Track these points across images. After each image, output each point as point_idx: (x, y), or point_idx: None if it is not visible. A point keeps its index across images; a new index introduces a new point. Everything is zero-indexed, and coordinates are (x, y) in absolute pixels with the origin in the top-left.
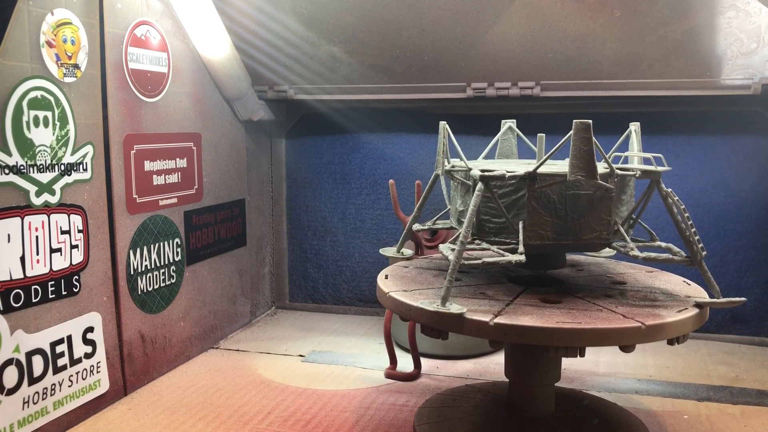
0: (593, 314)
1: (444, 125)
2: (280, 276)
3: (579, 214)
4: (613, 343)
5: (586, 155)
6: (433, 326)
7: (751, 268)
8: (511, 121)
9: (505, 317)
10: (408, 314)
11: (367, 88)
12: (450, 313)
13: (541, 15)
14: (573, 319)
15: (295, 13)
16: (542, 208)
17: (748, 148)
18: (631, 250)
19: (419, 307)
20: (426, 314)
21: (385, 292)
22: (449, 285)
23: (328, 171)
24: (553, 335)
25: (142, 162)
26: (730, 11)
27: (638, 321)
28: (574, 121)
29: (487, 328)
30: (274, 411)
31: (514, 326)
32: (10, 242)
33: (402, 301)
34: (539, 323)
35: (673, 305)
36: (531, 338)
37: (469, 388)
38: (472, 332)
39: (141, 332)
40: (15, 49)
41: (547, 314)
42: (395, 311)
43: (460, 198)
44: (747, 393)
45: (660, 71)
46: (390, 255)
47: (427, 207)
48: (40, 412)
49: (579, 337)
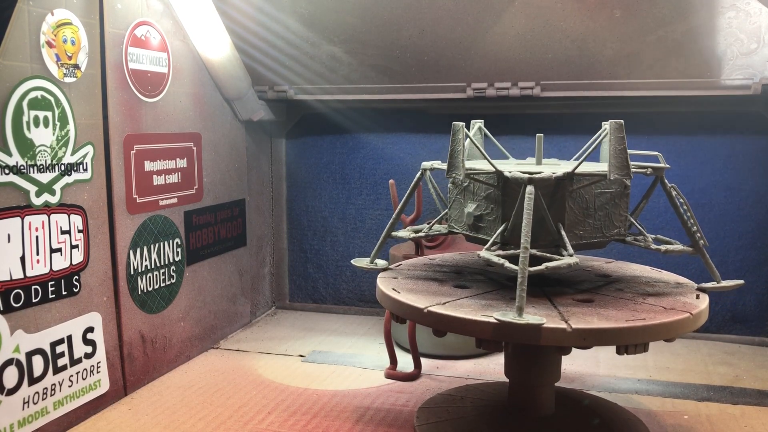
0: (640, 309)
1: (462, 125)
2: (280, 276)
3: (604, 212)
4: (673, 335)
5: (622, 154)
6: (505, 339)
7: (751, 268)
8: (480, 122)
9: (576, 322)
10: (464, 328)
11: (367, 88)
12: (529, 324)
13: (541, 15)
14: (631, 316)
15: (295, 13)
16: (577, 208)
17: (748, 148)
18: (652, 243)
19: (481, 320)
20: (496, 327)
21: (422, 309)
22: (523, 295)
23: (328, 171)
24: (629, 334)
25: (142, 162)
26: (730, 11)
27: (685, 311)
28: (609, 122)
29: (566, 335)
30: (274, 411)
31: (591, 330)
32: (10, 242)
33: (456, 316)
34: (612, 324)
35: (685, 292)
36: (608, 340)
37: (469, 388)
38: (549, 341)
39: (141, 332)
40: (15, 49)
41: (604, 314)
42: (441, 327)
43: (475, 202)
44: (747, 393)
45: (660, 71)
46: (362, 266)
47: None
48: (40, 412)
49: (649, 334)
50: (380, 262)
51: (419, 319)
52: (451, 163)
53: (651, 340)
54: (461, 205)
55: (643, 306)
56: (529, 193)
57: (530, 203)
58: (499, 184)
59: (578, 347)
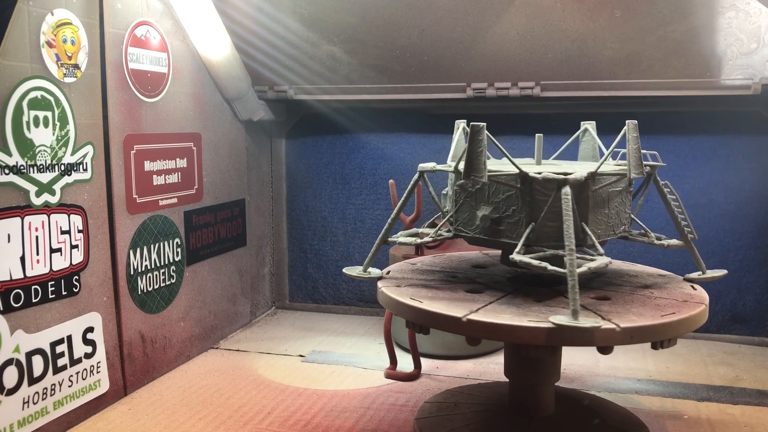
0: (662, 304)
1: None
2: (280, 276)
3: (615, 210)
4: (697, 327)
5: (637, 153)
6: (559, 344)
7: (751, 268)
8: (463, 122)
9: (620, 321)
10: (514, 336)
11: (367, 88)
12: (585, 327)
13: (541, 15)
14: (659, 312)
15: (295, 13)
16: (596, 207)
17: (748, 148)
18: (657, 239)
19: (533, 326)
20: (550, 332)
21: (460, 318)
22: (576, 298)
23: (328, 171)
24: (667, 329)
25: (142, 162)
26: (730, 11)
27: (700, 303)
28: (627, 122)
29: (615, 334)
30: (274, 411)
31: (637, 328)
32: (10, 242)
33: (504, 323)
34: (651, 321)
35: (679, 284)
36: (650, 336)
37: (469, 388)
38: (600, 341)
39: (141, 332)
40: (15, 49)
41: (635, 311)
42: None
43: (490, 205)
44: (747, 393)
45: (660, 71)
46: (355, 275)
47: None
48: (40, 412)
49: (681, 327)
50: (373, 270)
51: (458, 329)
52: (473, 165)
53: (683, 333)
54: (472, 208)
55: (659, 301)
56: (566, 194)
57: (568, 204)
58: (524, 185)
59: (622, 345)
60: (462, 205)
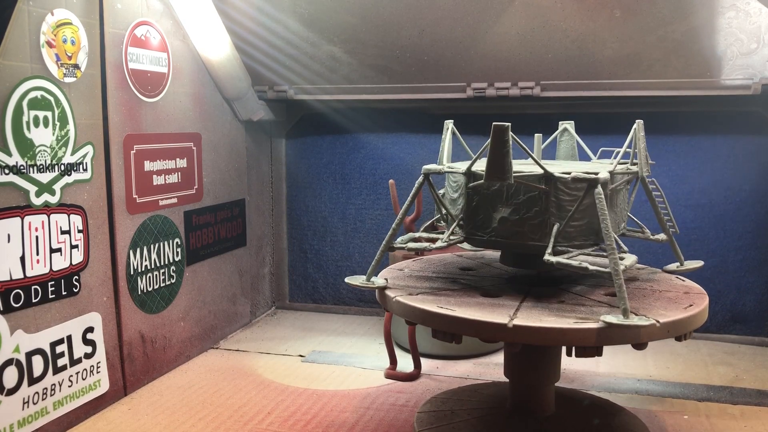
0: (673, 298)
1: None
2: (280, 276)
3: (619, 208)
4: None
5: (644, 151)
6: (607, 343)
7: (751, 268)
8: (450, 122)
9: (655, 317)
10: (564, 338)
11: (367, 88)
12: (636, 325)
13: (541, 15)
14: (675, 306)
15: (295, 13)
16: (609, 206)
17: (748, 148)
18: (652, 234)
19: (582, 328)
20: (600, 332)
21: (505, 324)
22: (625, 296)
23: (328, 171)
24: (692, 322)
25: (142, 162)
26: (730, 11)
27: (701, 293)
28: (637, 121)
29: (657, 330)
30: (274, 411)
31: (673, 322)
32: (10, 242)
33: (554, 327)
34: (680, 315)
35: (665, 276)
36: (683, 328)
37: (469, 388)
38: (645, 337)
39: (141, 332)
40: (15, 49)
41: (657, 306)
42: (534, 341)
43: (509, 206)
44: (747, 393)
45: (660, 71)
46: (358, 285)
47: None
48: (40, 413)
49: (700, 319)
50: (378, 280)
51: (503, 335)
52: (497, 166)
53: (700, 325)
54: (487, 210)
55: (667, 294)
56: (599, 194)
57: (602, 203)
58: (549, 186)
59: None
60: (475, 207)
